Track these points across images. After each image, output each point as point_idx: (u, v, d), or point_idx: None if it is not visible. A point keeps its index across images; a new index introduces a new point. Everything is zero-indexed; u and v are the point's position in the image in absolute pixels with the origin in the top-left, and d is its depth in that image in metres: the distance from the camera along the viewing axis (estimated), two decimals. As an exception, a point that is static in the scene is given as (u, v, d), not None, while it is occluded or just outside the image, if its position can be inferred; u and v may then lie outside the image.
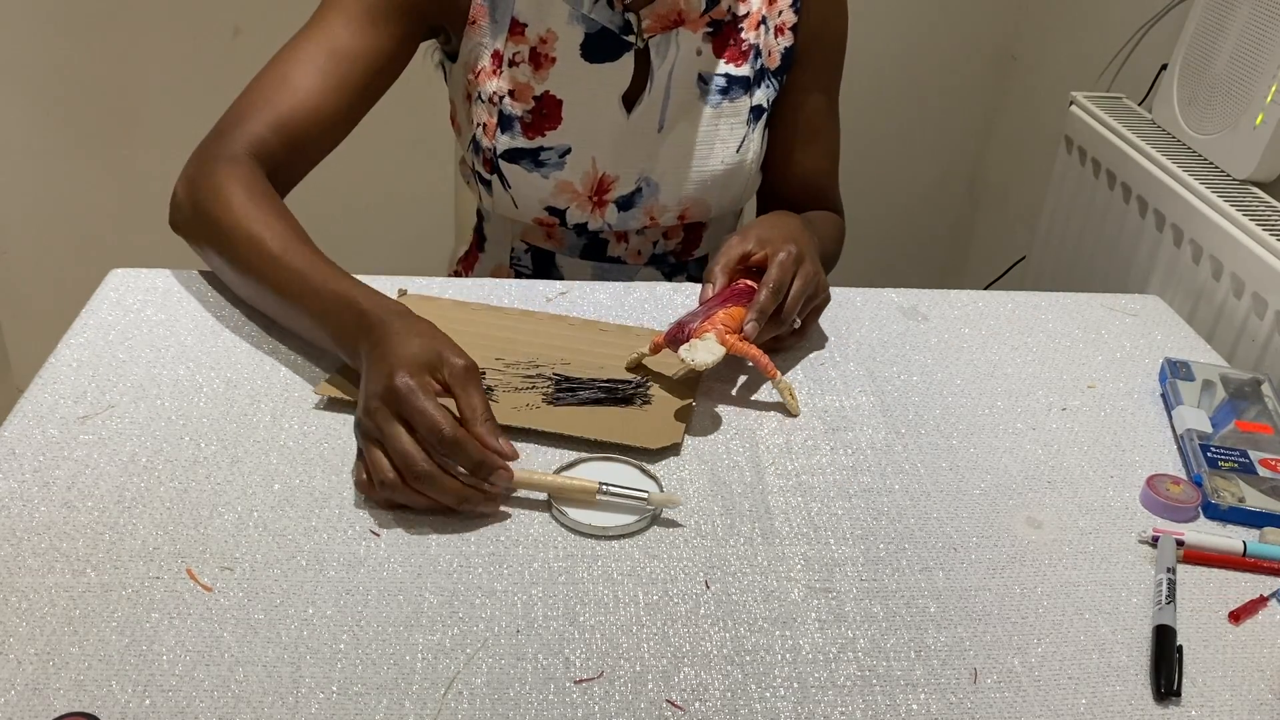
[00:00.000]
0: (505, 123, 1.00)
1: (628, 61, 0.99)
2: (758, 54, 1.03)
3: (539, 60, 0.98)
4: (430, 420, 0.68)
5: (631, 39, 0.98)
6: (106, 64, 1.73)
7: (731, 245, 0.88)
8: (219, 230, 0.85)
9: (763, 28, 1.03)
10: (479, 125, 1.02)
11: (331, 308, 0.78)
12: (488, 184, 1.05)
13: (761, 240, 0.88)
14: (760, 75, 1.04)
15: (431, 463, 0.68)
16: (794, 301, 0.85)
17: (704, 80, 1.02)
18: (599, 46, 0.98)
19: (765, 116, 1.05)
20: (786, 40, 1.04)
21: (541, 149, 1.01)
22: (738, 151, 1.04)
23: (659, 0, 0.97)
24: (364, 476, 0.71)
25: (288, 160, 0.91)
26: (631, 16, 0.98)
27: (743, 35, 1.02)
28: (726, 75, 1.02)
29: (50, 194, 1.83)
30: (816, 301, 0.90)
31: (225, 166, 0.87)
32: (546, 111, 1.00)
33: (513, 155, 1.01)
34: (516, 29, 0.98)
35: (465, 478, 0.69)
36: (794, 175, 1.10)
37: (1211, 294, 1.15)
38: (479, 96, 1.01)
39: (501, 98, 1.00)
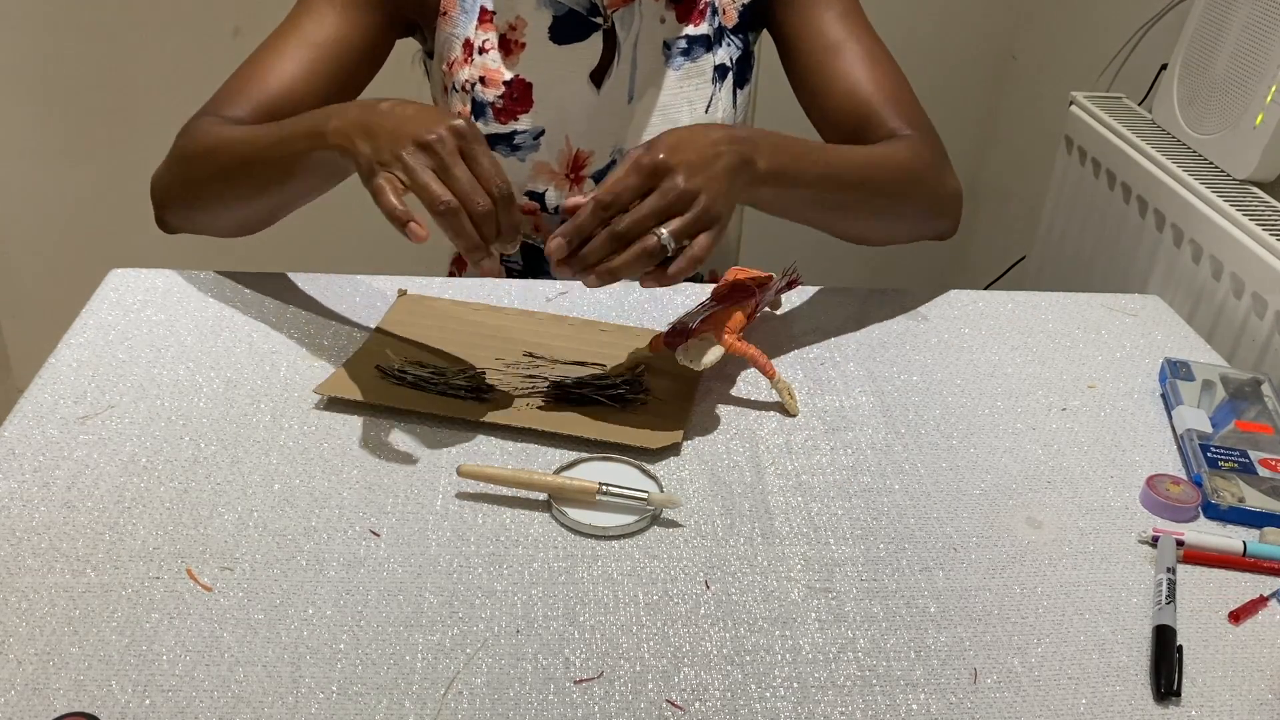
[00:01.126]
0: (478, 110, 1.01)
1: (596, 40, 1.00)
2: (714, 11, 1.03)
3: (508, 47, 0.99)
4: (495, 166, 0.72)
5: (599, 20, 0.99)
6: (106, 64, 1.73)
7: (623, 160, 0.75)
8: (204, 152, 0.87)
9: None
10: (455, 114, 1.03)
11: (318, 124, 0.79)
12: None
13: (649, 146, 0.75)
14: (719, 33, 1.04)
15: (489, 204, 0.71)
16: (632, 220, 0.72)
17: (668, 46, 1.02)
18: (567, 29, 0.99)
19: (731, 75, 1.05)
20: None
21: (515, 133, 1.01)
22: (706, 112, 1.04)
23: None
24: (391, 200, 0.70)
25: None
26: None
27: None
28: (687, 36, 1.02)
29: (50, 194, 1.83)
30: (679, 223, 0.73)
31: (201, 121, 0.90)
32: (517, 95, 1.00)
33: (488, 142, 1.01)
34: (485, 16, 0.99)
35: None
36: (835, 98, 0.99)
37: (1211, 294, 1.15)
38: (453, 87, 1.02)
39: (473, 85, 1.00)
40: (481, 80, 1.00)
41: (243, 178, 0.86)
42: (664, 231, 0.72)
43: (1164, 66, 1.37)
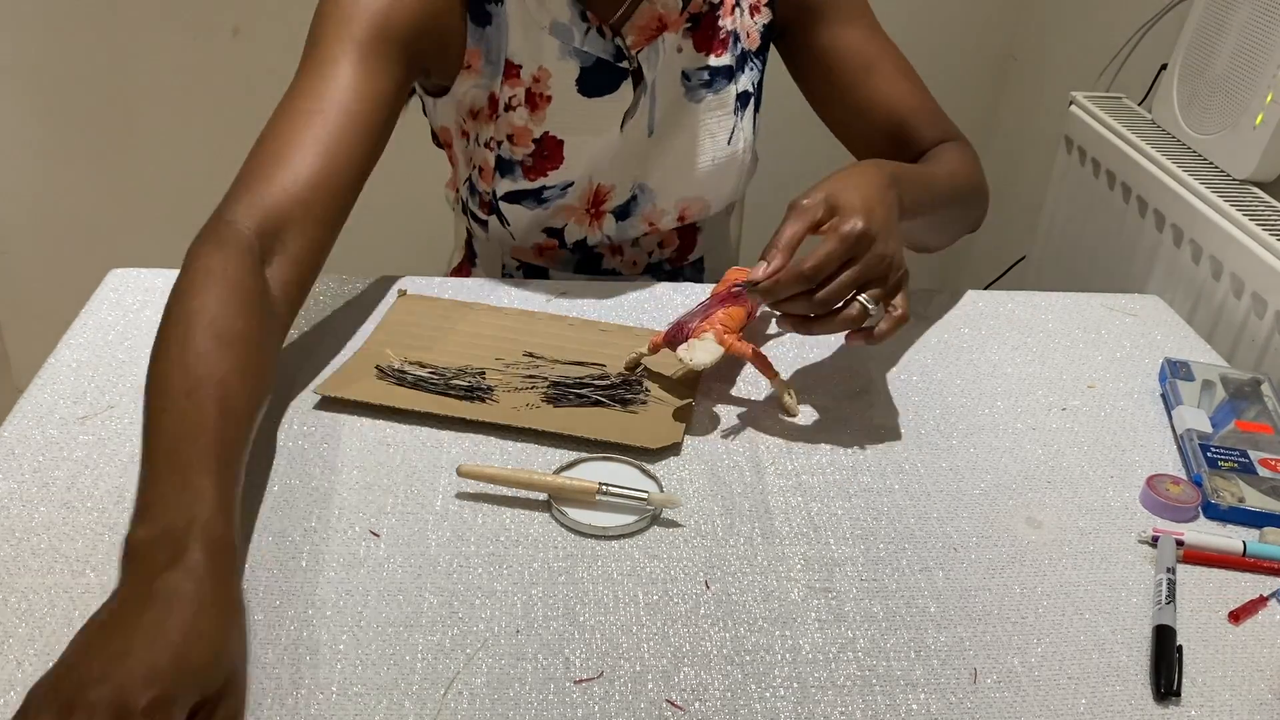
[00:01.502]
0: (505, 167, 0.97)
1: (626, 89, 0.96)
2: (737, 39, 1.01)
3: (535, 101, 0.95)
4: None
5: (625, 64, 0.96)
6: (106, 64, 1.73)
7: (800, 211, 0.74)
8: (167, 320, 0.71)
9: (738, 10, 1.01)
10: (475, 168, 1.00)
11: (169, 496, 0.59)
12: (484, 224, 1.03)
13: (833, 205, 0.75)
14: (742, 60, 1.02)
15: None
16: (837, 289, 0.73)
17: (687, 77, 0.99)
18: (596, 80, 0.95)
19: (753, 101, 1.03)
20: (764, 17, 1.02)
21: (544, 188, 0.98)
22: (728, 144, 1.02)
23: (638, 12, 0.94)
24: None
25: (303, 231, 0.79)
26: (620, 41, 0.95)
27: (720, 23, 0.99)
28: (708, 67, 1.00)
29: (50, 194, 1.83)
30: (881, 290, 0.75)
31: (215, 253, 0.74)
32: (548, 153, 0.97)
33: (514, 197, 0.99)
34: (512, 71, 0.94)
35: None
36: (879, 110, 1.00)
37: (1211, 294, 1.15)
38: (475, 139, 0.99)
39: (500, 143, 0.97)
40: (509, 138, 0.96)
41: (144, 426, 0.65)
42: (866, 299, 0.74)
43: (1164, 66, 1.36)
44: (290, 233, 0.78)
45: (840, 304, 0.74)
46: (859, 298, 0.74)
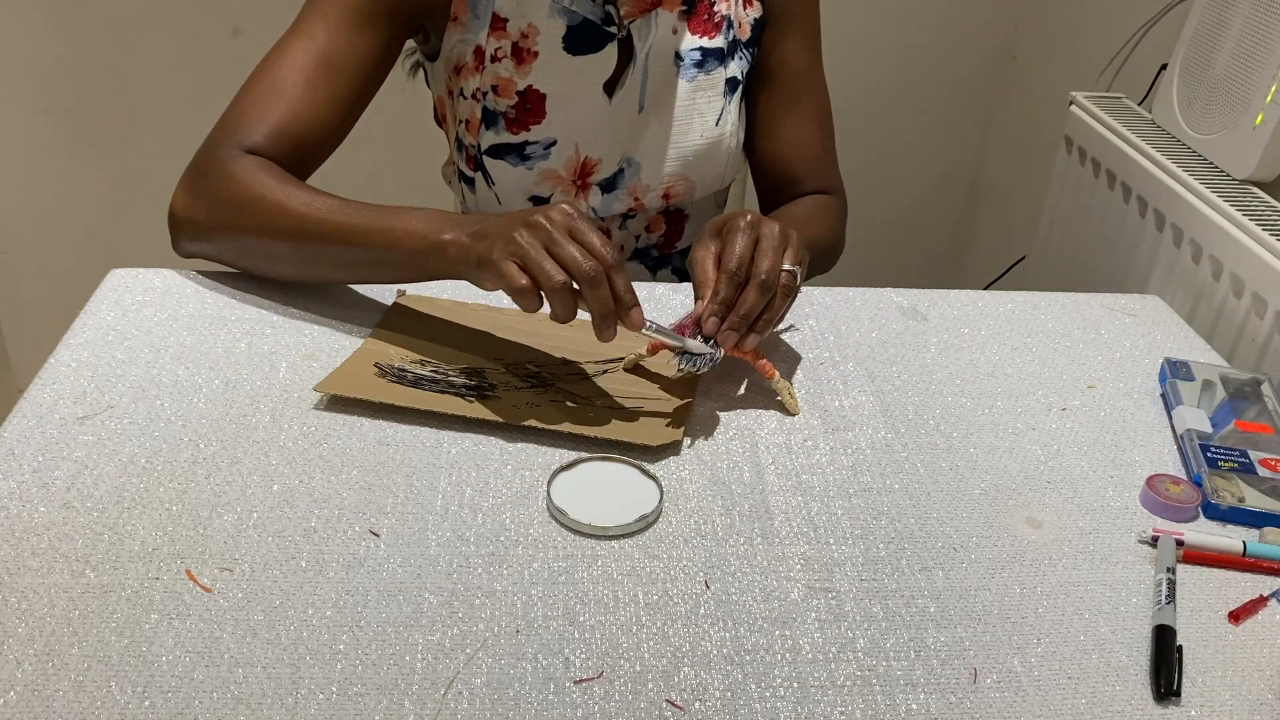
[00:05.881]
0: (489, 119, 1.00)
1: (611, 51, 1.00)
2: (730, 25, 1.03)
3: (521, 55, 0.98)
4: (595, 242, 0.74)
5: (613, 29, 0.99)
6: (106, 64, 1.73)
7: (697, 260, 0.82)
8: (258, 209, 0.85)
9: None
10: (462, 122, 1.03)
11: (429, 232, 0.81)
12: (470, 182, 1.05)
13: (713, 229, 0.83)
14: (733, 47, 1.04)
15: (598, 266, 0.74)
16: (768, 263, 0.79)
17: (680, 57, 1.02)
18: (581, 39, 0.99)
19: (740, 89, 1.05)
20: (755, 11, 1.05)
21: (527, 143, 1.01)
22: (716, 124, 1.04)
23: None
24: (523, 282, 0.74)
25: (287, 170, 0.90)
26: (611, 7, 0.98)
27: (715, 8, 1.03)
28: (700, 48, 1.02)
29: (50, 194, 1.83)
30: (794, 252, 0.81)
31: (236, 161, 0.88)
32: (530, 106, 1.00)
33: (497, 151, 1.01)
34: (498, 24, 0.98)
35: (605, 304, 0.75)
36: (783, 144, 1.07)
37: (1211, 294, 1.15)
38: (461, 93, 1.01)
39: (485, 94, 1.00)
40: (494, 89, 0.99)
41: (317, 255, 0.86)
42: (788, 266, 0.80)
43: (1164, 66, 1.37)
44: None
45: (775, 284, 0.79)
46: (783, 268, 0.80)
